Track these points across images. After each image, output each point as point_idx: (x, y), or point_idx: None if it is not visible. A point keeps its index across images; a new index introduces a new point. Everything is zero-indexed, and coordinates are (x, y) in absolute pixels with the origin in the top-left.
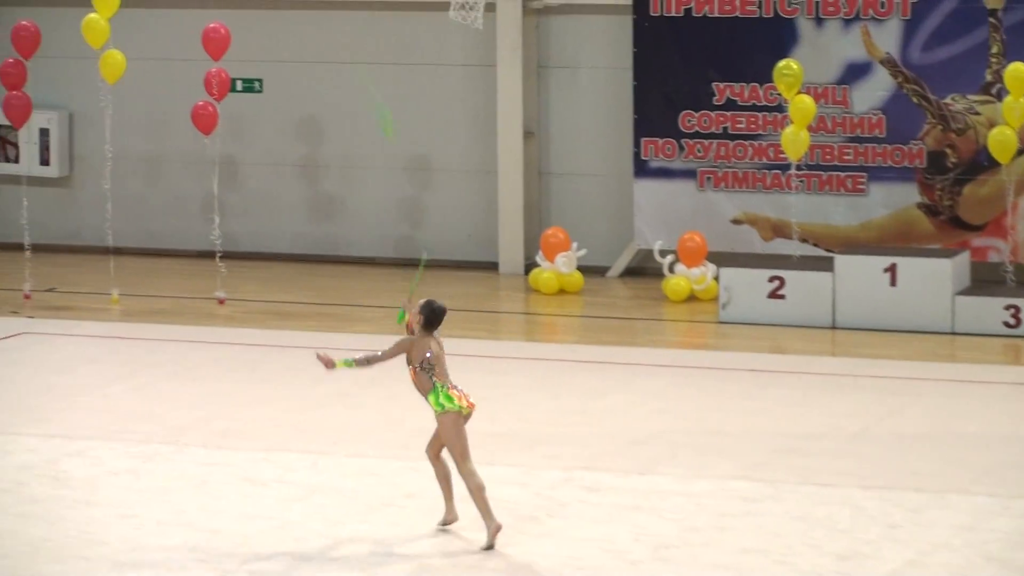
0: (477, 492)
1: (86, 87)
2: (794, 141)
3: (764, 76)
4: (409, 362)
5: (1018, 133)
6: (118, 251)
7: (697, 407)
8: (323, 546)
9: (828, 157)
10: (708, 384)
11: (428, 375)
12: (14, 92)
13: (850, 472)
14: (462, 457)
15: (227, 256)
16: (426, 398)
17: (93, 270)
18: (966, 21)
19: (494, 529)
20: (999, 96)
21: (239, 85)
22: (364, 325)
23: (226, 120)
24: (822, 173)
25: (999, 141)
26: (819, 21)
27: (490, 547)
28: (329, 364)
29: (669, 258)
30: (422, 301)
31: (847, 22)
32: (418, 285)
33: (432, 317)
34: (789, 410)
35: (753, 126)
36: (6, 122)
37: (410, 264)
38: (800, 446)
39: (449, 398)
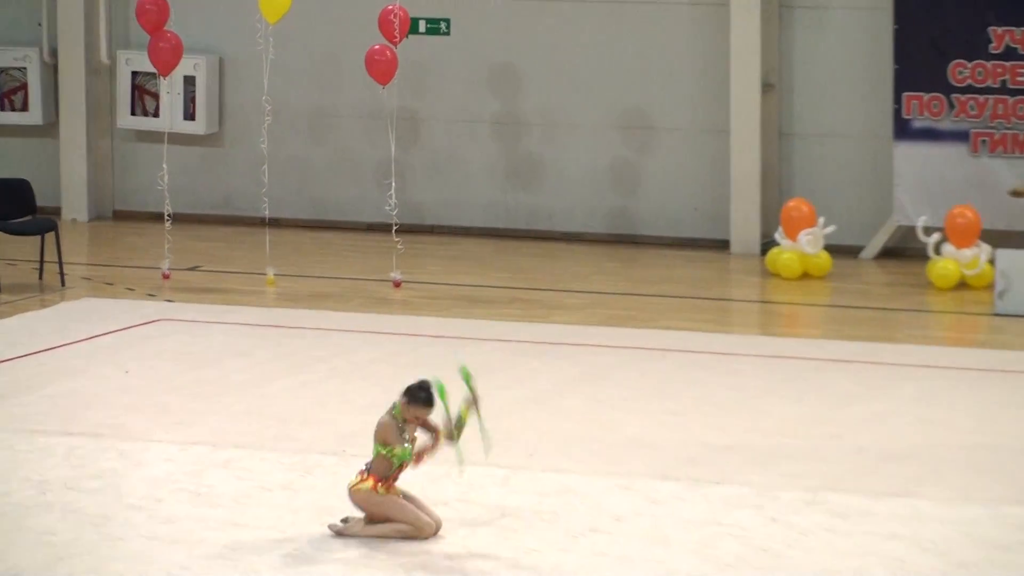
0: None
1: (240, 28)
2: None
3: None
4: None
5: None
6: (275, 223)
7: (968, 416)
8: None
9: None
10: (981, 389)
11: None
12: (162, 33)
13: None
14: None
15: (405, 230)
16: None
17: (245, 245)
18: None
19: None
20: None
21: (422, 26)
22: (568, 314)
23: (406, 68)
24: None
25: None
26: None
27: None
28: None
29: (935, 237)
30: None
31: None
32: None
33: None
34: None
35: None
36: (148, 68)
37: (623, 241)
38: None
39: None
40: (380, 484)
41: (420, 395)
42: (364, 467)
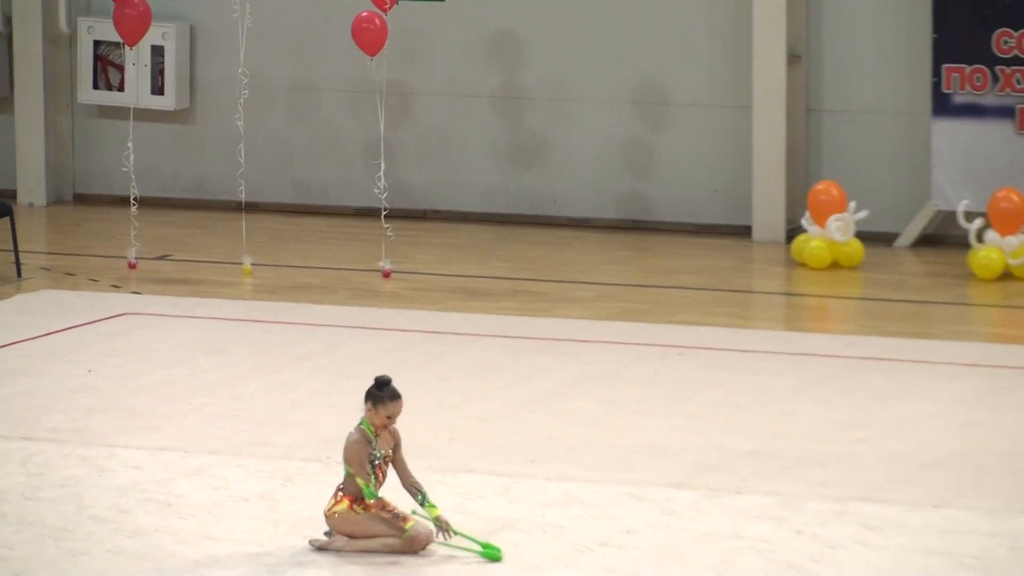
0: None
1: None
2: None
3: None
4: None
5: None
6: (252, 207)
7: (1013, 420)
8: None
9: None
10: None
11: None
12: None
13: None
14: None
15: (395, 215)
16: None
17: (219, 232)
18: None
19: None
20: None
21: None
22: (575, 307)
23: (397, 37)
24: None
25: None
26: None
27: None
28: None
29: (977, 223)
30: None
31: None
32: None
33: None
34: None
35: None
36: (112, 37)
37: (635, 228)
38: None
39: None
40: (356, 504)
41: (384, 393)
42: (338, 488)
